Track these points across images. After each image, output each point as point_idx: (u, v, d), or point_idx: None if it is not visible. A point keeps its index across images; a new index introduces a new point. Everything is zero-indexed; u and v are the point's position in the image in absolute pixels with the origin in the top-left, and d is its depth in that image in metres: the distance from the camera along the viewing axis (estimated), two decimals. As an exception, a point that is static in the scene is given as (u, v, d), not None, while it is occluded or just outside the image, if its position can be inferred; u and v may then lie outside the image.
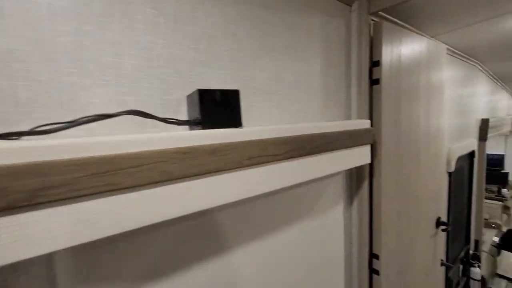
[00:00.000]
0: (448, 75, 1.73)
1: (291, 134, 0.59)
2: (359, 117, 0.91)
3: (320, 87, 0.82)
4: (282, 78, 0.71)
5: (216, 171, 0.45)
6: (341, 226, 0.93)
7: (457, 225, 2.12)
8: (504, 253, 3.46)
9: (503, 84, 3.13)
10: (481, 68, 2.27)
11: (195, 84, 0.55)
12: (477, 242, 2.47)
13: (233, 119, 0.48)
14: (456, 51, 1.71)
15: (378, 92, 0.90)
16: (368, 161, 0.85)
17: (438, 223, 1.33)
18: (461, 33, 1.37)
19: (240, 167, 0.48)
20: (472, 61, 2.03)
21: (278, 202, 0.73)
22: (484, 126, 2.35)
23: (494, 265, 3.17)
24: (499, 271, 3.43)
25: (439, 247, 1.45)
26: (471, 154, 2.22)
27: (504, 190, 4.50)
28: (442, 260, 1.65)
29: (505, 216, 4.37)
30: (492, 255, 3.12)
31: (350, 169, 0.95)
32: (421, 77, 1.12)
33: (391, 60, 0.93)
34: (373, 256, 0.98)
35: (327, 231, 0.88)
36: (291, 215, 0.77)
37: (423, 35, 1.23)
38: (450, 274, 1.95)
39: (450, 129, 1.79)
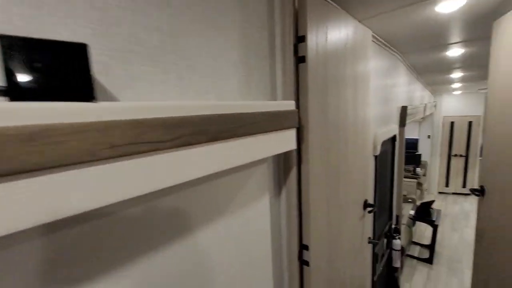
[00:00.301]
0: (374, 64, 1.82)
1: (186, 114, 0.45)
2: (285, 98, 0.82)
3: (238, 62, 0.69)
4: (183, 45, 0.55)
5: (38, 169, 0.28)
6: (268, 218, 0.84)
7: (382, 203, 2.33)
8: (418, 223, 4.02)
9: (418, 75, 3.53)
10: (401, 59, 2.48)
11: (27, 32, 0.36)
12: (397, 217, 2.77)
13: (76, 90, 0.32)
14: (380, 39, 1.78)
15: (304, 71, 0.83)
16: (294, 147, 0.77)
17: (366, 205, 1.38)
18: (383, 19, 1.40)
19: (93, 160, 0.32)
20: (394, 51, 2.19)
21: (192, 198, 0.60)
22: (403, 113, 2.60)
23: (410, 234, 3.65)
24: (414, 239, 3.98)
25: (367, 227, 1.52)
26: (393, 139, 2.43)
27: (418, 169, 5.23)
28: (369, 237, 1.75)
29: (418, 192, 5.09)
30: (409, 226, 3.58)
31: (278, 156, 0.87)
32: (348, 60, 1.10)
33: (317, 37, 0.86)
34: (303, 247, 0.93)
35: (254, 225, 0.78)
36: (210, 212, 0.64)
37: (349, 17, 1.21)
38: (376, 249, 2.13)
39: (376, 115, 1.89)
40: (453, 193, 5.96)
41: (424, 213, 3.51)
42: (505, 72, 1.31)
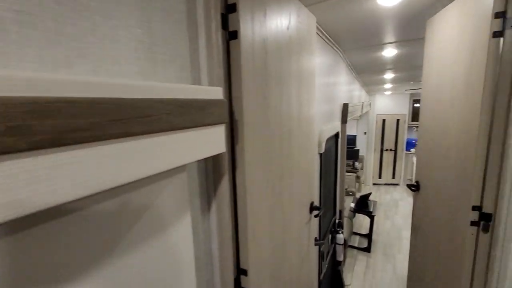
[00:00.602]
0: (319, 60, 1.75)
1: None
2: (212, 84, 0.62)
3: (140, 33, 0.46)
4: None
5: None
6: (191, 243, 0.63)
7: (327, 200, 2.33)
8: (357, 215, 4.28)
9: (357, 75, 3.71)
10: (342, 57, 2.51)
11: None
12: (341, 212, 2.84)
13: None
14: (323, 31, 1.72)
15: (237, 50, 0.64)
16: (223, 149, 0.58)
17: (312, 208, 1.28)
18: (327, 9, 1.31)
19: None
20: (336, 47, 2.18)
21: (53, 238, 0.35)
22: (345, 110, 2.66)
23: (351, 226, 3.85)
24: (354, 230, 4.23)
25: (313, 228, 1.43)
26: (336, 135, 2.46)
27: (356, 164, 5.61)
28: (316, 238, 1.69)
29: (357, 184, 5.47)
30: (350, 218, 3.77)
31: (205, 162, 0.66)
32: (291, 47, 0.95)
33: (253, 10, 0.68)
34: (240, 272, 0.75)
35: (170, 256, 0.57)
36: (88, 256, 0.40)
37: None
38: (322, 248, 2.11)
39: (320, 112, 1.84)
40: (385, 184, 6.61)
41: (363, 205, 3.73)
42: (437, 70, 1.34)
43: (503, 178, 0.93)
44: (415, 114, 6.32)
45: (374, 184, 6.62)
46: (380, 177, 6.58)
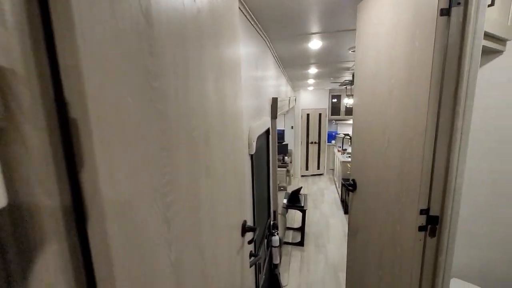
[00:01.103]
0: (246, 49, 1.48)
1: None
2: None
3: None
4: None
5: None
6: None
7: (261, 204, 2.13)
8: (290, 210, 4.30)
9: (284, 69, 3.65)
10: (269, 47, 2.32)
11: None
12: (275, 212, 2.70)
13: None
14: (249, 10, 1.45)
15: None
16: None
17: (244, 229, 1.00)
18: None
19: None
20: (263, 35, 1.96)
21: None
22: (275, 105, 2.50)
23: (284, 222, 3.82)
24: (288, 225, 4.24)
25: (247, 253, 1.16)
26: (267, 132, 2.27)
27: (286, 158, 5.71)
28: (251, 253, 1.43)
29: (288, 178, 5.57)
30: (283, 215, 3.73)
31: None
32: (204, 29, 0.63)
33: None
34: None
35: None
36: None
37: None
38: (258, 261, 1.90)
39: (249, 107, 1.59)
40: (312, 175, 7.00)
41: (295, 200, 3.73)
42: (372, 59, 1.23)
43: (450, 175, 0.83)
44: (333, 109, 6.86)
45: (302, 176, 6.94)
46: (307, 168, 6.92)
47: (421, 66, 0.86)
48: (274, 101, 2.50)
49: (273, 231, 2.60)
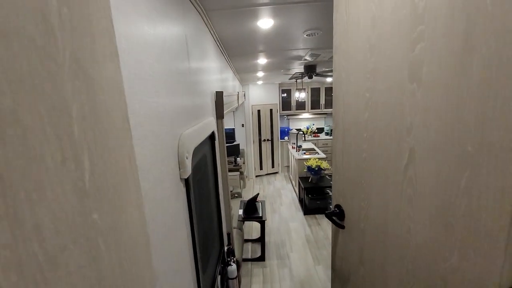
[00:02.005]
0: (163, 26, 0.89)
1: None
2: None
3: None
4: None
5: None
6: None
7: (209, 236, 1.58)
8: (246, 222, 3.81)
9: (229, 59, 3.10)
10: (207, 24, 1.75)
11: None
12: (229, 235, 2.17)
13: None
14: None
15: None
16: None
17: None
18: None
19: None
20: (197, 4, 1.38)
21: None
22: (220, 100, 1.95)
23: (242, 236, 3.32)
24: (245, 237, 3.76)
25: None
26: (211, 137, 1.71)
27: (238, 159, 5.21)
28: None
29: (242, 182, 5.08)
30: (240, 229, 3.22)
31: None
32: None
33: None
34: None
35: None
36: None
37: None
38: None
39: (179, 107, 1.01)
40: (266, 174, 6.65)
41: (252, 210, 3.25)
42: (355, 44, 0.77)
43: None
44: (284, 103, 6.59)
45: (257, 176, 6.54)
46: (261, 168, 6.55)
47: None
48: (219, 96, 1.95)
49: (229, 259, 2.07)
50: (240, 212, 3.24)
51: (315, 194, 4.42)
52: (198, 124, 1.26)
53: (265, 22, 1.83)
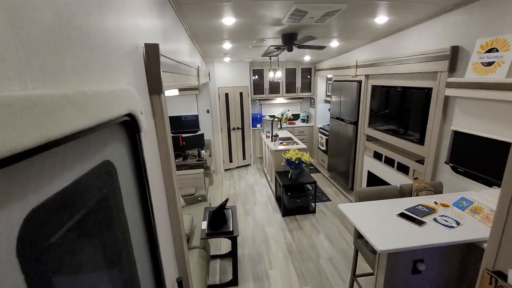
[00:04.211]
0: None
1: None
2: None
3: None
4: None
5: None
6: None
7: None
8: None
9: (182, 18, 2.17)
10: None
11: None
12: (180, 283, 1.35)
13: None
14: None
15: None
16: None
17: None
18: None
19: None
20: None
21: None
22: (154, 61, 1.08)
23: (205, 254, 2.52)
24: (212, 253, 2.97)
25: None
26: (129, 124, 0.85)
27: (203, 152, 4.33)
28: None
29: (208, 179, 4.24)
30: (204, 248, 2.42)
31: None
32: None
33: None
34: None
35: None
36: None
37: None
38: None
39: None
40: (237, 167, 5.87)
41: (219, 222, 2.46)
42: None
43: None
44: (256, 86, 5.75)
45: (226, 170, 5.72)
46: (231, 160, 5.73)
47: None
48: (152, 51, 1.07)
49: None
50: (204, 225, 2.43)
51: (295, 191, 3.76)
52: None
53: None
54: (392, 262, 1.64)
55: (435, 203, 1.99)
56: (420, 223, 1.71)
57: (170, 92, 3.87)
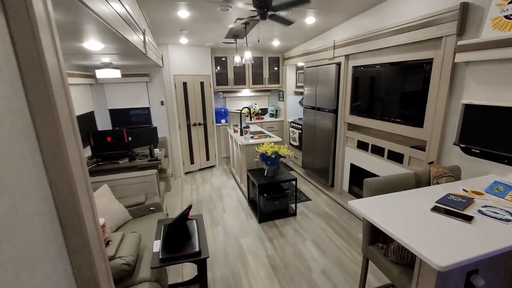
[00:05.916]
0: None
1: None
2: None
3: None
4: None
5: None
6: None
7: None
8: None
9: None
10: None
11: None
12: None
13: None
14: None
15: None
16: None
17: None
18: None
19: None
20: None
21: None
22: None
23: (164, 280, 1.76)
24: (170, 282, 2.20)
25: None
26: None
27: (156, 151, 3.50)
28: None
29: (164, 184, 3.41)
30: (157, 280, 1.66)
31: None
32: None
33: None
34: None
35: None
36: None
37: None
38: None
39: None
40: (200, 169, 5.08)
41: (179, 239, 1.72)
42: None
43: None
44: (219, 76, 5.06)
45: (186, 173, 4.90)
46: (192, 162, 4.93)
47: None
48: None
49: None
50: (157, 247, 1.67)
51: (272, 192, 3.16)
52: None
53: None
54: (442, 280, 1.12)
55: (464, 190, 1.55)
56: (469, 218, 1.23)
57: (109, 73, 3.00)
